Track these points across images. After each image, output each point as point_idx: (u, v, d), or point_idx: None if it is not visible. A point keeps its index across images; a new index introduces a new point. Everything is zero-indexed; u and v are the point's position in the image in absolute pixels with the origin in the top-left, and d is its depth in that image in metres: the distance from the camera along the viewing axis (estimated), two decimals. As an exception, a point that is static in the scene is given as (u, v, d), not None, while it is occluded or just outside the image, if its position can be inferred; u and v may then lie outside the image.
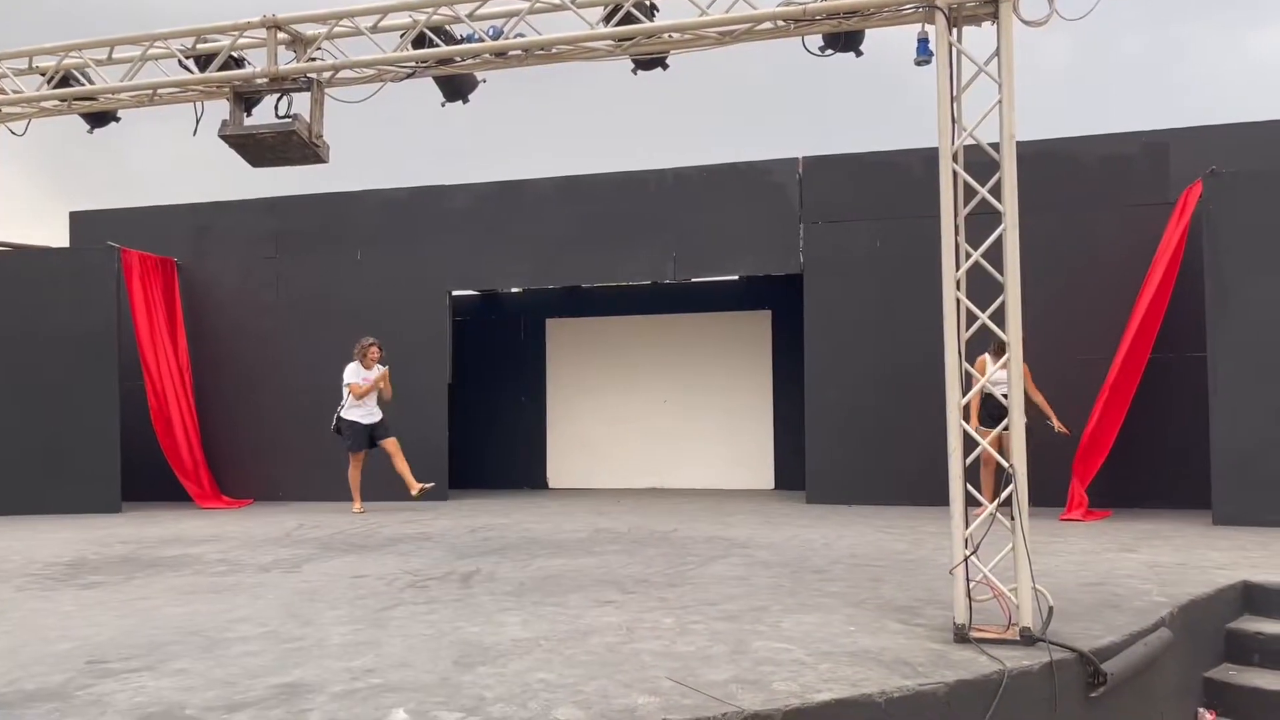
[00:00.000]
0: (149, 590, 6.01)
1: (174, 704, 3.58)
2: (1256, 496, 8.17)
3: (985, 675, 3.83)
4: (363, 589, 5.90)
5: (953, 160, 4.40)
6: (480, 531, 8.59)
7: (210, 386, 12.27)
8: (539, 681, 3.79)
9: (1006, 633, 4.31)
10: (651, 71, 5.50)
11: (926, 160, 10.41)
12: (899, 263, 10.37)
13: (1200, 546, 7.03)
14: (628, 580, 6.01)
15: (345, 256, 12.13)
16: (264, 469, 12.22)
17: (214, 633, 4.78)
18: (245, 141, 5.32)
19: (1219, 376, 8.40)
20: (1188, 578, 5.80)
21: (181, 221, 12.66)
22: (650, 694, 3.59)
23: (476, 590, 5.77)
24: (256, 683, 3.85)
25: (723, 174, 11.19)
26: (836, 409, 10.55)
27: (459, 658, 4.18)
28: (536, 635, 4.58)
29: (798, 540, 7.71)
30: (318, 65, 5.33)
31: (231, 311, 12.44)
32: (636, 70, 5.53)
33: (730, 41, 4.93)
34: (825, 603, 5.23)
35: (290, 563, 7.02)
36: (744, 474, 12.73)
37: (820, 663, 3.99)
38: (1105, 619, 4.71)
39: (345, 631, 4.75)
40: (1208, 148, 9.53)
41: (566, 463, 13.46)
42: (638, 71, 5.54)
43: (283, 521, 9.72)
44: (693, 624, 4.76)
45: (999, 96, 4.34)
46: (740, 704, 3.46)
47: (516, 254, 11.69)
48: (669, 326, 13.20)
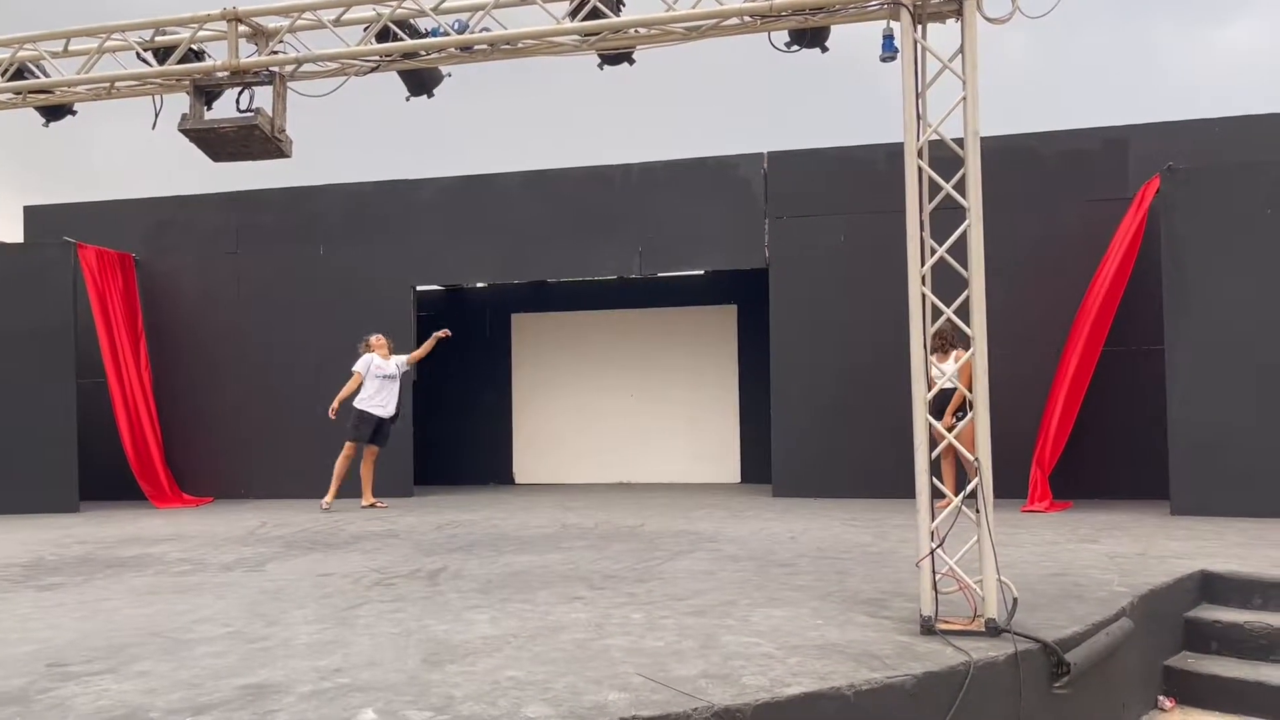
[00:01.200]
0: (109, 591, 5.92)
1: (137, 707, 3.53)
2: (1213, 488, 8.31)
3: (951, 667, 3.87)
4: (329, 588, 5.85)
5: (918, 156, 4.43)
6: (447, 528, 8.55)
7: (170, 384, 12.10)
8: (508, 679, 3.77)
9: (972, 624, 4.36)
10: (618, 66, 5.49)
11: (890, 155, 10.54)
12: (863, 257, 10.45)
13: (1159, 537, 7.15)
14: (596, 576, 6.00)
15: (308, 251, 12.01)
16: (225, 467, 12.08)
17: (177, 634, 4.72)
18: (206, 135, 5.24)
19: (1176, 369, 8.54)
20: (1147, 567, 5.89)
21: (139, 216, 12.48)
22: (620, 690, 3.59)
23: (444, 588, 5.74)
24: (222, 684, 3.80)
25: (688, 169, 11.19)
26: (802, 403, 10.61)
27: (427, 656, 4.16)
28: (505, 632, 4.56)
29: (764, 534, 7.74)
30: (280, 59, 5.26)
31: (192, 307, 12.28)
32: (603, 65, 5.52)
33: (697, 37, 4.93)
34: (793, 596, 5.26)
35: (254, 561, 6.95)
36: (710, 468, 12.77)
37: (789, 656, 4.01)
38: (1068, 609, 4.77)
39: (312, 631, 4.70)
40: (1166, 143, 9.68)
41: (533, 458, 13.44)
42: (604, 66, 5.53)
43: (245, 520, 9.61)
44: (662, 619, 4.76)
45: (963, 93, 4.38)
46: (710, 699, 3.46)
47: (482, 249, 11.64)
48: (634, 321, 13.21)
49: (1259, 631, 5.31)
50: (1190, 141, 9.68)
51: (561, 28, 5.04)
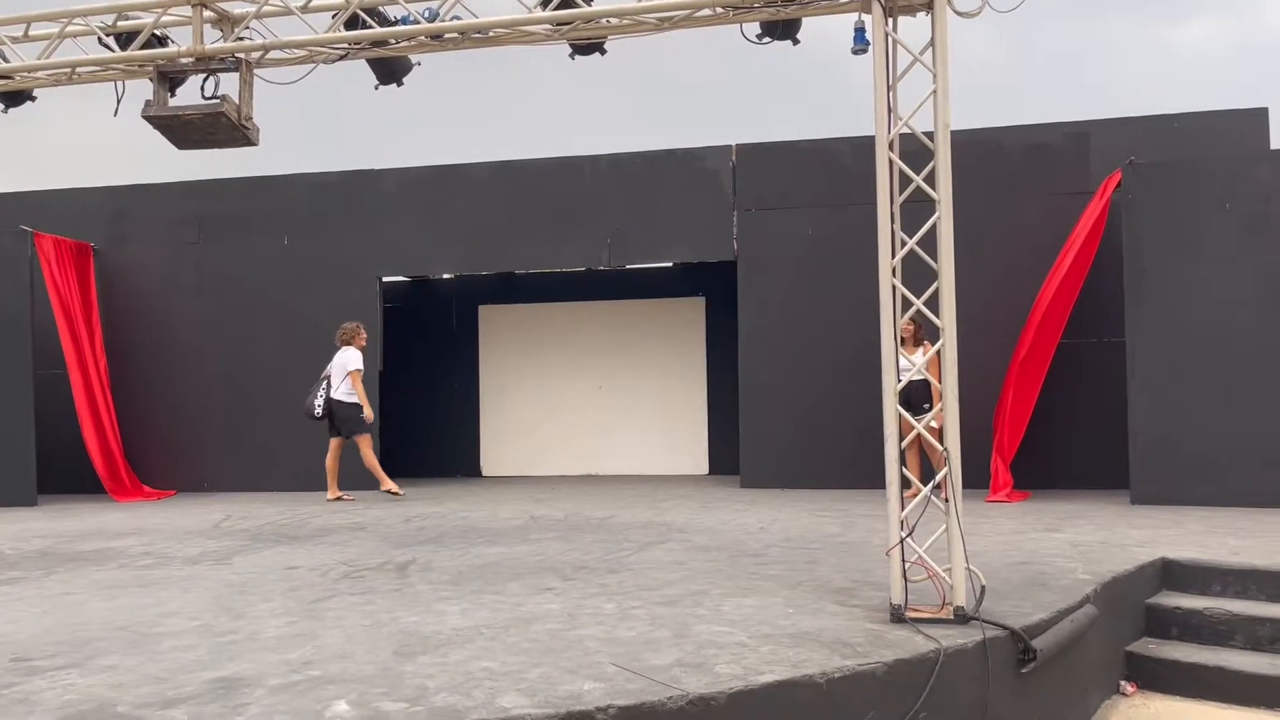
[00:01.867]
0: (72, 585, 5.83)
1: (105, 701, 3.48)
2: (1172, 477, 8.46)
3: (921, 654, 3.91)
4: (296, 580, 5.80)
5: (889, 149, 4.46)
6: (415, 520, 8.50)
7: (129, 376, 11.92)
8: (482, 670, 3.76)
9: (941, 612, 4.41)
10: (589, 56, 5.47)
11: (857, 149, 10.62)
12: (831, 250, 10.51)
13: (1120, 525, 7.27)
14: (566, 567, 6.00)
15: (272, 241, 11.87)
16: (187, 460, 11.93)
17: (143, 628, 4.66)
18: (170, 123, 5.16)
19: (1136, 360, 8.67)
20: (1110, 555, 5.99)
21: (97, 205, 12.25)
22: (595, 680, 3.60)
23: (414, 580, 5.72)
24: (191, 678, 3.76)
25: (658, 160, 11.19)
26: (770, 395, 10.66)
27: (399, 648, 4.14)
28: (477, 624, 4.55)
29: (733, 524, 7.78)
30: (246, 45, 5.19)
31: (152, 298, 12.09)
32: (574, 55, 5.50)
33: (669, 27, 4.92)
34: (764, 585, 5.29)
35: (219, 555, 6.87)
36: (678, 460, 12.80)
37: (761, 645, 4.03)
38: (1034, 597, 4.84)
39: (280, 624, 4.66)
40: (1127, 138, 9.83)
41: (500, 451, 13.39)
42: (575, 56, 5.51)
43: (209, 513, 9.50)
44: (633, 609, 4.77)
45: (934, 86, 4.41)
46: (685, 687, 3.48)
47: (450, 239, 11.57)
48: (603, 313, 13.19)
49: (1218, 618, 5.43)
50: (1150, 137, 9.83)
51: (533, 16, 5.02)
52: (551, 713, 3.27)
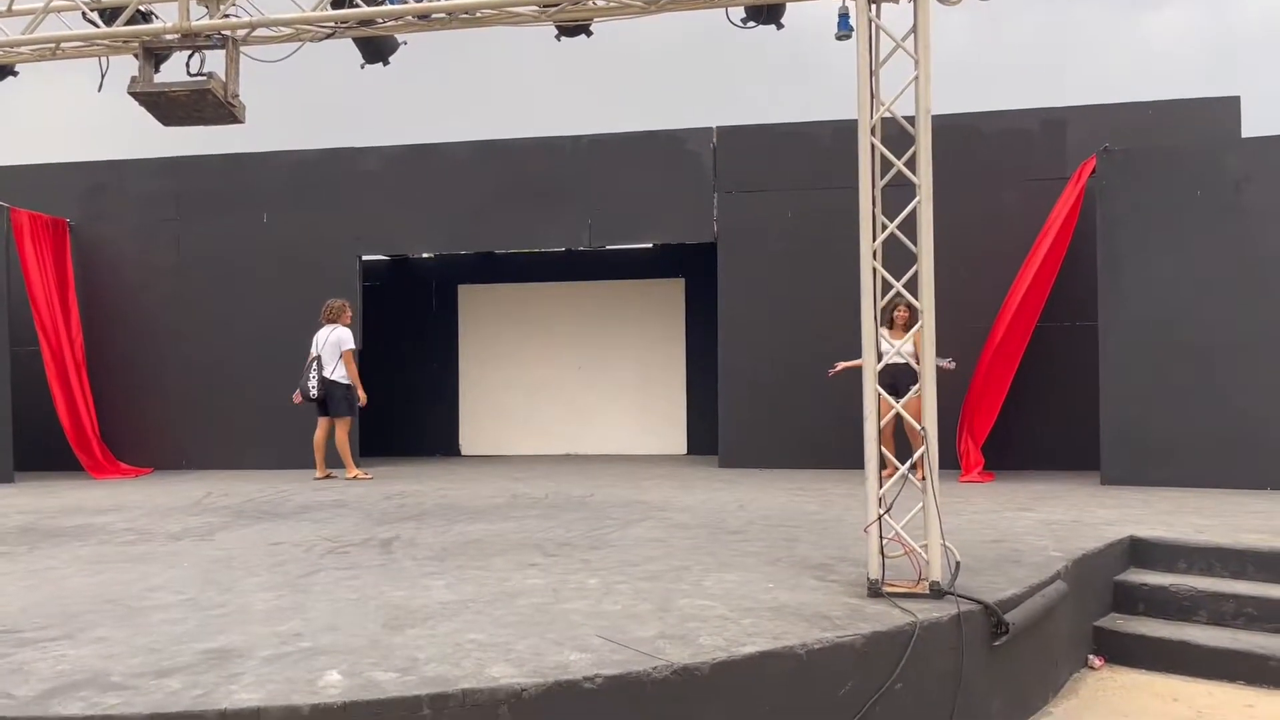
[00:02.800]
0: (55, 560, 5.85)
1: (99, 671, 3.54)
2: (1141, 458, 8.64)
3: (898, 627, 4.02)
4: (281, 556, 5.85)
5: (871, 134, 4.53)
6: (396, 498, 8.56)
7: (106, 352, 11.87)
8: (470, 641, 3.84)
9: (917, 587, 4.52)
10: (575, 38, 5.51)
11: (837, 131, 10.70)
12: (811, 232, 10.60)
13: (1090, 505, 7.43)
14: (549, 544, 6.08)
15: (251, 219, 11.83)
16: (165, 437, 11.91)
17: (131, 601, 4.70)
18: (156, 99, 5.16)
19: (1108, 344, 8.83)
20: (1080, 534, 6.13)
21: (73, 181, 12.16)
22: (581, 651, 3.69)
23: (398, 555, 5.78)
24: (183, 649, 3.82)
25: (638, 141, 11.23)
26: (748, 376, 10.76)
27: (387, 621, 4.21)
28: (463, 598, 4.63)
29: (713, 503, 7.88)
30: (232, 22, 5.19)
31: (129, 275, 12.04)
32: (560, 36, 5.54)
33: (655, 10, 4.97)
34: (744, 562, 5.39)
35: (202, 531, 6.91)
36: (657, 440, 12.90)
37: (743, 618, 4.13)
38: (1007, 573, 4.97)
39: (268, 598, 4.72)
40: (1103, 124, 9.98)
41: (479, 430, 13.44)
42: (561, 38, 5.55)
43: (190, 490, 9.51)
44: (617, 584, 4.86)
45: (915, 72, 4.49)
46: (669, 658, 3.57)
47: (430, 219, 11.57)
48: (582, 293, 13.24)
49: (1183, 594, 5.58)
50: (1126, 124, 9.97)
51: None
52: (540, 681, 3.35)
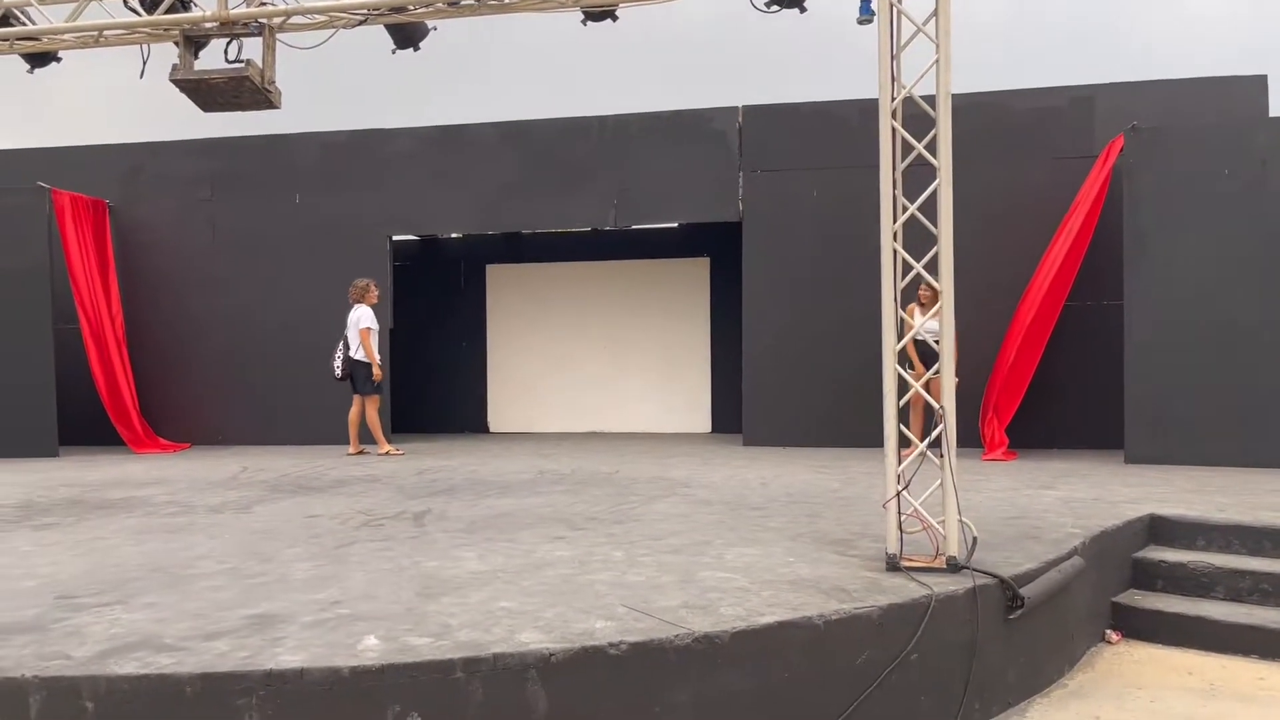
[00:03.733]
0: (103, 530, 6.09)
1: (151, 634, 3.73)
2: (1165, 437, 8.68)
3: (914, 599, 4.15)
4: (317, 528, 6.05)
5: (892, 117, 4.62)
6: (427, 474, 8.75)
7: (144, 331, 12.14)
8: (501, 609, 4.01)
9: (934, 562, 4.64)
10: (601, 23, 5.61)
11: (863, 111, 10.71)
12: (836, 212, 10.66)
13: (1112, 484, 7.49)
14: (575, 518, 6.24)
15: (283, 200, 12.03)
16: (201, 413, 12.18)
17: (176, 570, 4.91)
18: (197, 86, 5.32)
19: (1133, 323, 8.85)
20: (1099, 511, 6.21)
21: (111, 163, 12.40)
22: (606, 619, 3.84)
23: (430, 528, 5.96)
24: (228, 614, 4.01)
25: (664, 121, 11.30)
26: (773, 354, 10.86)
27: (421, 589, 4.38)
28: (493, 568, 4.79)
29: (736, 480, 8.01)
30: (268, 10, 5.34)
31: (166, 255, 12.28)
32: (586, 21, 5.64)
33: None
34: (765, 537, 5.52)
35: (240, 504, 7.13)
36: (681, 418, 13.03)
37: (763, 590, 4.27)
38: (1024, 549, 5.07)
39: (306, 567, 4.91)
40: (1130, 102, 9.94)
41: (507, 407, 13.63)
42: (587, 22, 5.65)
43: (226, 465, 9.76)
44: (641, 557, 5.01)
45: (936, 56, 4.56)
46: (691, 627, 3.72)
47: (458, 199, 11.72)
48: (608, 273, 13.36)
49: (1201, 570, 5.66)
50: (1154, 102, 9.92)
51: (547, -16, 5.16)
52: (567, 647, 3.51)
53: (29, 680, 3.30)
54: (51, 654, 3.51)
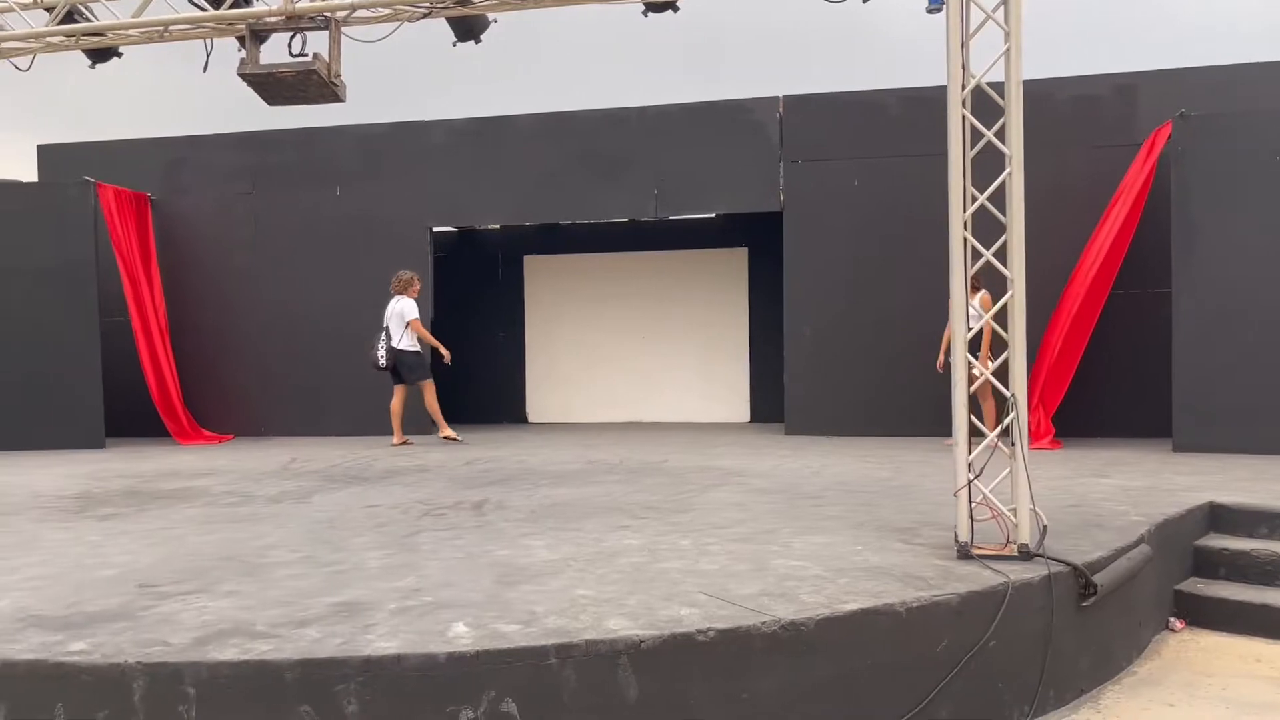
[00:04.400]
0: (168, 520, 6.17)
1: (242, 621, 3.79)
2: (1214, 425, 8.64)
3: (991, 587, 4.16)
4: (380, 517, 6.11)
5: (962, 106, 4.61)
6: (476, 464, 8.82)
7: (186, 323, 12.27)
8: (582, 597, 4.05)
9: (1005, 550, 4.65)
10: (662, 14, 5.62)
11: (904, 100, 10.73)
12: (877, 200, 10.66)
13: (1165, 471, 7.47)
14: (635, 507, 6.28)
15: (325, 192, 12.11)
16: (244, 405, 12.31)
17: (250, 558, 4.98)
18: (264, 80, 5.37)
19: (1182, 311, 8.81)
20: (1158, 499, 6.20)
21: (153, 156, 12.53)
22: (689, 606, 3.87)
23: (492, 517, 6.01)
24: (313, 602, 4.06)
25: (704, 112, 11.31)
26: (814, 344, 10.86)
27: (498, 578, 4.43)
28: (564, 557, 4.84)
29: (785, 469, 8.03)
30: (334, 4, 5.38)
31: (207, 248, 12.40)
32: (647, 12, 5.66)
33: (745, -14, 5.07)
34: (828, 525, 5.54)
35: (298, 494, 7.21)
36: (720, 407, 13.06)
37: (838, 577, 4.29)
38: (1091, 536, 5.07)
39: (379, 556, 4.96)
40: (1175, 89, 9.85)
41: (545, 398, 13.69)
42: (648, 14, 5.67)
43: (274, 456, 9.86)
44: (709, 545, 5.04)
45: (1006, 44, 4.55)
46: (775, 614, 3.75)
47: (498, 190, 11.76)
48: (646, 263, 13.39)
49: (1264, 558, 5.64)
50: (1199, 88, 9.84)
51: (613, -24, 5.17)
52: (657, 634, 3.55)
53: (131, 666, 3.36)
54: (148, 640, 3.57)
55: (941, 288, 10.02)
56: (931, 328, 10.13)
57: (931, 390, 10.31)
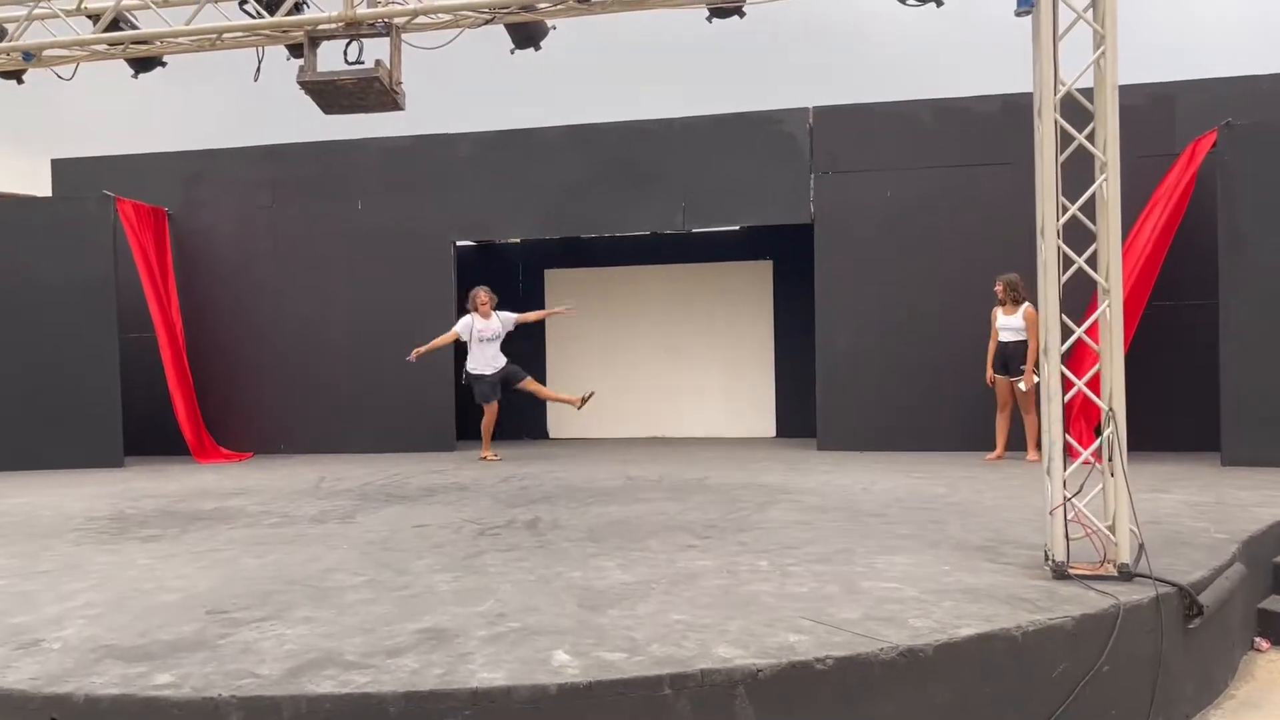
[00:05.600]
0: (214, 542, 5.97)
1: (329, 650, 3.60)
2: (1264, 438, 8.50)
3: (1103, 609, 3.99)
4: (434, 538, 5.92)
5: (1054, 110, 4.47)
6: (512, 481, 8.63)
7: (204, 339, 12.06)
8: (678, 623, 3.86)
9: (1101, 569, 4.49)
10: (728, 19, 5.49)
11: (936, 111, 10.63)
12: (909, 212, 10.53)
13: (1224, 486, 7.32)
14: (695, 525, 6.10)
15: (345, 206, 11.95)
16: (262, 422, 12.10)
17: (313, 582, 4.79)
18: (324, 88, 5.21)
19: (1230, 323, 8.68)
20: (1233, 516, 6.04)
21: (170, 170, 12.35)
22: (796, 632, 3.70)
23: (551, 537, 5.83)
24: (395, 629, 3.88)
25: (732, 124, 11.18)
26: (846, 358, 10.71)
27: (581, 601, 4.24)
28: (641, 579, 4.66)
29: (833, 485, 7.86)
30: (396, 10, 5.23)
31: (225, 262, 12.21)
32: (711, 18, 5.52)
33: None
34: (903, 544, 5.37)
35: (339, 514, 7.01)
36: (745, 422, 12.89)
37: (940, 600, 4.12)
38: (1182, 555, 4.91)
39: (448, 579, 4.78)
40: (1213, 99, 9.75)
41: (567, 413, 13.45)
42: (712, 19, 5.53)
43: (301, 474, 9.66)
44: (789, 566, 4.86)
45: (1102, 46, 4.42)
46: (890, 639, 3.58)
47: (523, 204, 11.61)
48: (668, 276, 13.23)
49: (1349, 575, 5.49)
50: (1237, 98, 9.72)
51: (686, -21, 5.03)
52: (774, 663, 3.37)
53: (226, 700, 3.18)
54: (236, 672, 3.39)
55: (978, 299, 9.90)
56: (966, 341, 10.00)
57: (966, 405, 10.20)
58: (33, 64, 5.80)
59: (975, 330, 9.86)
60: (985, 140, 10.30)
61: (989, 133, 10.31)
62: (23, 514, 7.41)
